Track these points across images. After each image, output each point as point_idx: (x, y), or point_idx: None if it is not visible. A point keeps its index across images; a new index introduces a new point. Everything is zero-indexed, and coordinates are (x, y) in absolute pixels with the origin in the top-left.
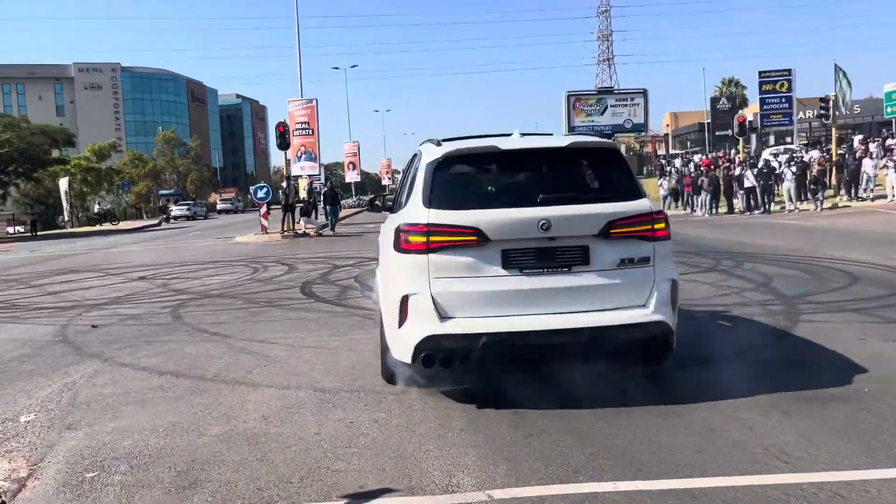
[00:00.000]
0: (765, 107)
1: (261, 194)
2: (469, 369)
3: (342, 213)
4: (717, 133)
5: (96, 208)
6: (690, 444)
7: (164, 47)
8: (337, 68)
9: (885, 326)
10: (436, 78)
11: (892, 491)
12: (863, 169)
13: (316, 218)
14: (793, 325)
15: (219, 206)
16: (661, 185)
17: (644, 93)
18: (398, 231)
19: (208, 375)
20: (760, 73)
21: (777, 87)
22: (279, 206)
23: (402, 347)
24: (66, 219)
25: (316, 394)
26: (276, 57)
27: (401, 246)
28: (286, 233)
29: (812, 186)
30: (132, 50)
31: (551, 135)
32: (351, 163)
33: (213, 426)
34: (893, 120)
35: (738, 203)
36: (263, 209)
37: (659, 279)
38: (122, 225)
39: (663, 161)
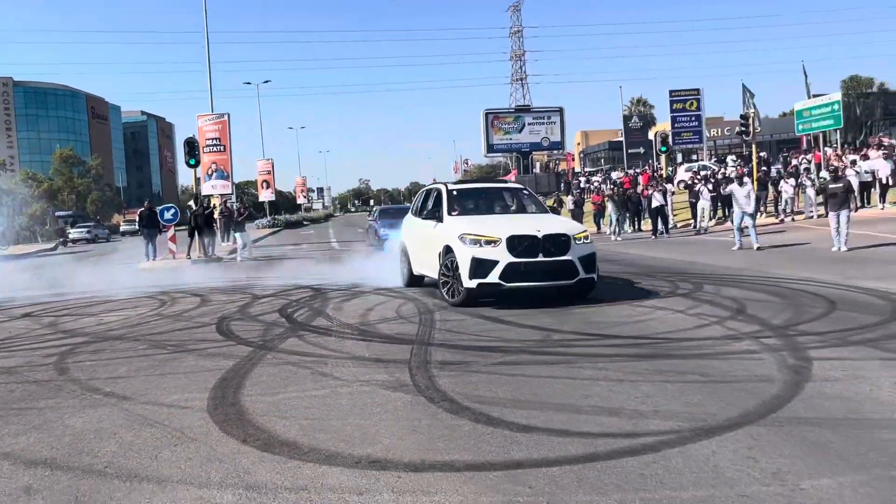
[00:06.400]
0: (675, 125)
1: (167, 216)
2: None
3: (254, 235)
4: (629, 151)
5: None
6: None
7: (62, 61)
8: (249, 83)
9: None
10: (351, 95)
11: None
12: (781, 189)
13: (224, 241)
14: (807, 364)
15: (122, 228)
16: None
17: (560, 111)
18: None
19: (97, 465)
20: (671, 91)
21: (687, 105)
22: (185, 228)
23: None
24: None
25: (248, 495)
26: (185, 72)
27: None
28: (197, 258)
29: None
30: (27, 63)
31: None
32: (265, 181)
33: None
34: (803, 137)
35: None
36: (170, 232)
37: None
38: (12, 250)
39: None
